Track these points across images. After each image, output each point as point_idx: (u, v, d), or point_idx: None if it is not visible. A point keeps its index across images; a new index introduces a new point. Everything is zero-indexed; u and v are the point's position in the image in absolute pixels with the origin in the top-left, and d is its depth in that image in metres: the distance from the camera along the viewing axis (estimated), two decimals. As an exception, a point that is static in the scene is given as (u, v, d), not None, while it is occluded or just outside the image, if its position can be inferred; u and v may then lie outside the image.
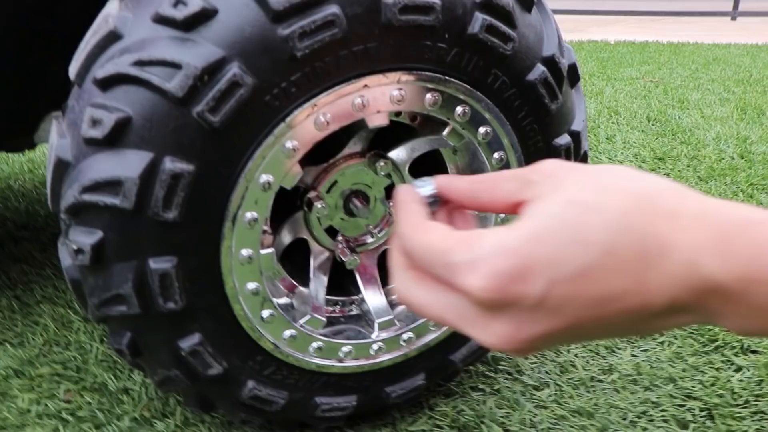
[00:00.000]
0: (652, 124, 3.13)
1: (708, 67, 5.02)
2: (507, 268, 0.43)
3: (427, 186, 0.55)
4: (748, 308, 0.42)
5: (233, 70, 0.71)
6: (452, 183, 0.55)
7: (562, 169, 0.49)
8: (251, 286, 0.84)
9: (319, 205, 0.90)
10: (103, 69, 0.73)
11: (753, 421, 1.11)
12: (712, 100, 3.68)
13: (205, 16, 0.71)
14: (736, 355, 1.29)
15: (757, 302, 0.41)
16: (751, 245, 0.41)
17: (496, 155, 0.90)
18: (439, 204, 0.55)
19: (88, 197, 0.74)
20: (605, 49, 6.32)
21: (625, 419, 1.12)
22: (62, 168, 0.77)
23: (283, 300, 0.95)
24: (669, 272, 0.43)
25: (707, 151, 2.65)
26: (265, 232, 0.90)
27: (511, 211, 0.50)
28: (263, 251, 0.85)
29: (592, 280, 0.43)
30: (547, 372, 1.25)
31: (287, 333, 0.91)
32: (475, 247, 0.45)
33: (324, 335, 0.95)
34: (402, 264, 0.53)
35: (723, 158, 2.56)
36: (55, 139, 0.79)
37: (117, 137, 0.72)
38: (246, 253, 0.82)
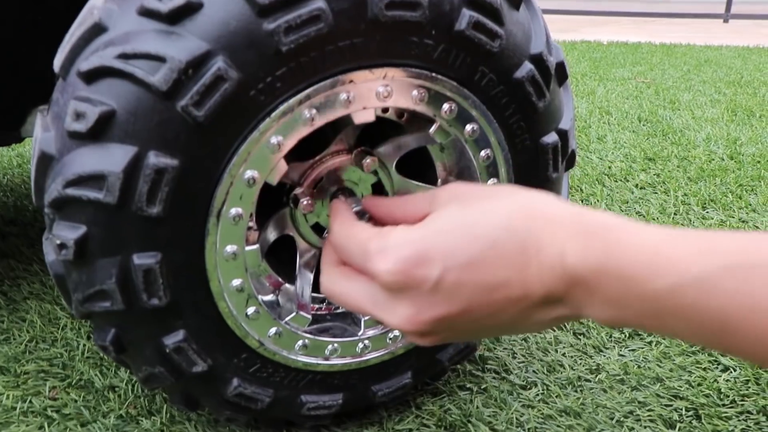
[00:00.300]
0: (643, 125, 3.14)
1: (700, 69, 5.04)
2: (410, 255, 0.53)
3: (356, 204, 0.71)
4: (602, 299, 0.50)
5: (218, 64, 0.70)
6: (375, 201, 0.70)
7: (463, 188, 0.61)
8: (236, 282, 0.84)
9: (305, 202, 0.89)
10: (87, 62, 0.72)
11: (739, 420, 1.12)
12: (703, 102, 3.69)
13: (191, 9, 0.70)
14: (723, 354, 1.29)
15: (609, 294, 0.49)
16: (603, 245, 0.50)
17: (483, 153, 0.90)
18: (366, 218, 0.68)
19: (71, 191, 0.74)
20: (598, 50, 6.33)
21: (612, 419, 1.12)
22: (46, 162, 0.77)
23: (269, 297, 0.95)
24: (544, 265, 0.51)
25: (697, 152, 2.65)
26: (250, 228, 0.90)
27: None
28: (248, 248, 0.85)
29: (481, 269, 0.52)
30: (534, 371, 1.24)
31: (273, 330, 0.90)
32: (387, 238, 0.55)
33: (310, 333, 0.95)
34: (330, 260, 0.66)
35: (713, 159, 2.57)
36: (39, 133, 0.78)
37: (101, 131, 0.72)
38: (231, 249, 0.81)
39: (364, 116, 0.82)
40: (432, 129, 0.88)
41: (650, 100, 3.75)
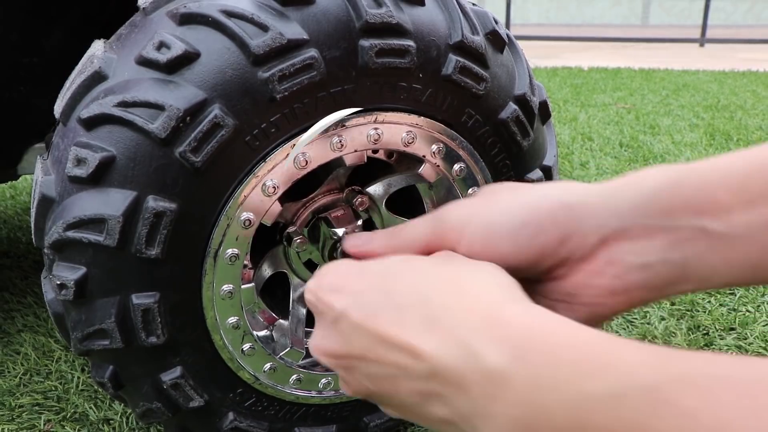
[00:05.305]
0: (625, 150, 3.19)
1: (678, 93, 5.12)
2: (328, 281, 0.54)
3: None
4: (511, 399, 0.40)
5: (215, 111, 0.73)
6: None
7: (447, 253, 0.57)
8: (232, 320, 0.86)
9: (298, 240, 0.92)
10: (87, 109, 0.75)
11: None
12: (682, 126, 3.75)
13: (188, 59, 0.73)
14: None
15: (521, 393, 0.39)
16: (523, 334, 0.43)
17: (470, 190, 0.93)
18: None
19: (72, 234, 0.76)
20: (579, 75, 6.42)
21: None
22: (46, 204, 0.79)
23: (263, 332, 0.97)
24: (438, 334, 0.44)
25: (678, 177, 2.70)
26: (245, 266, 0.92)
27: None
28: (244, 286, 0.87)
29: (380, 319, 0.48)
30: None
31: (267, 365, 0.92)
32: (331, 264, 0.57)
33: (303, 367, 0.97)
34: None
35: (693, 184, 2.61)
36: (40, 176, 0.81)
37: (101, 176, 0.74)
38: (227, 288, 0.84)
39: (355, 158, 0.85)
40: (421, 168, 0.91)
41: (631, 125, 3.82)
